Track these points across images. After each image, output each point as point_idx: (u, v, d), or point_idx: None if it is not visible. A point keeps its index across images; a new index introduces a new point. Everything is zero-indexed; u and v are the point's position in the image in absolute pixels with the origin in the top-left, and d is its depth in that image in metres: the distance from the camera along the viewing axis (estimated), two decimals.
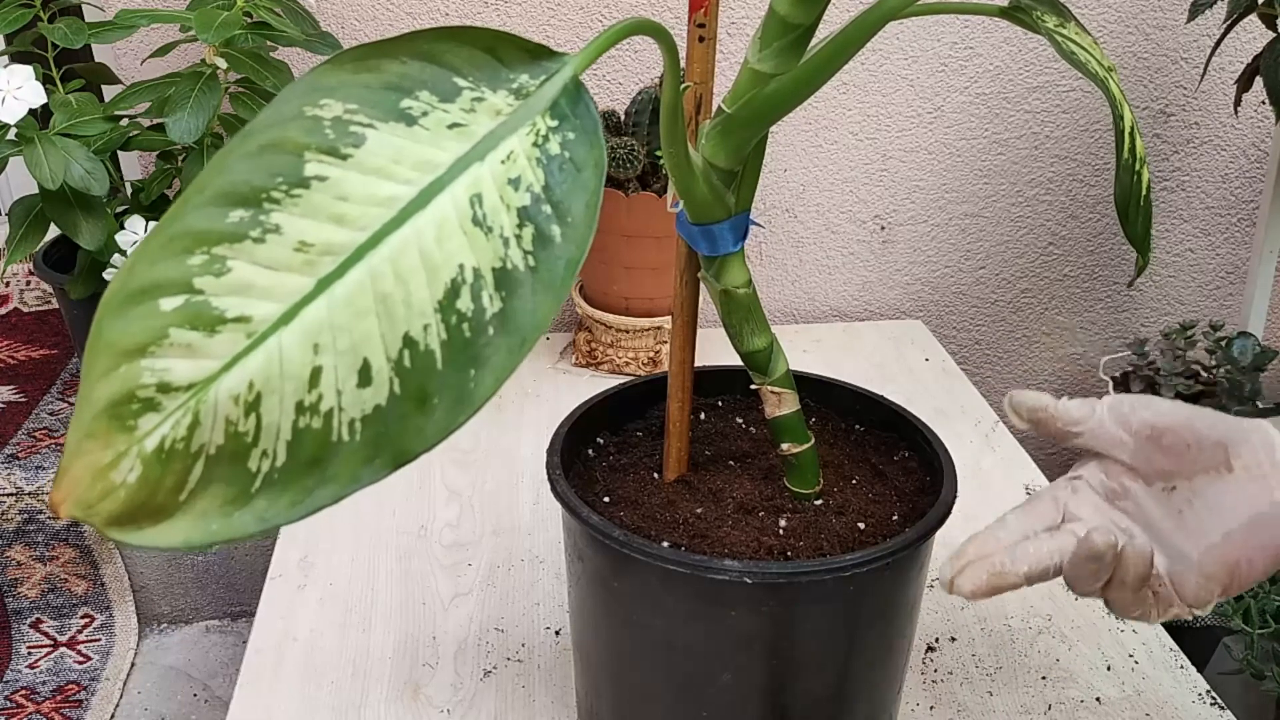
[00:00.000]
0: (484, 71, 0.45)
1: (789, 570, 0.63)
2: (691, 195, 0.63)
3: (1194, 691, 0.85)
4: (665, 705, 0.69)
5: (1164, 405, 0.61)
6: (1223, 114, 1.49)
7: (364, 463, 0.40)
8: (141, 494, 0.41)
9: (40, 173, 1.05)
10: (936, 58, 1.41)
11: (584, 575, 0.70)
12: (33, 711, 1.23)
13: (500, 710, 0.83)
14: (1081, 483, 0.63)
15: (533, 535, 1.03)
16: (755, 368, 0.70)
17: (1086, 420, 0.62)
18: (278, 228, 0.41)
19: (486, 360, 0.41)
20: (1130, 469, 0.62)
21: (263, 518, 0.40)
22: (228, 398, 0.41)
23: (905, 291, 1.54)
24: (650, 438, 0.79)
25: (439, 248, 0.42)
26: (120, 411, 0.41)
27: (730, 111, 0.61)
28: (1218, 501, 0.57)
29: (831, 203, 1.47)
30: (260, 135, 0.43)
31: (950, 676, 0.87)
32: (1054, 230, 1.53)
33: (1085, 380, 1.64)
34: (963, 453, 1.16)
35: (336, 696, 0.84)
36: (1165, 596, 0.58)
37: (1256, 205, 1.54)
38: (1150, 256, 0.69)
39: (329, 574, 0.98)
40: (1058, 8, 0.67)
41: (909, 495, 0.73)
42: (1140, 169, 0.66)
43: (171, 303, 0.41)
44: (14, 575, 1.31)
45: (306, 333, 0.41)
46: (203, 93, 1.08)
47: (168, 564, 1.36)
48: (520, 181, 0.43)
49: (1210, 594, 0.57)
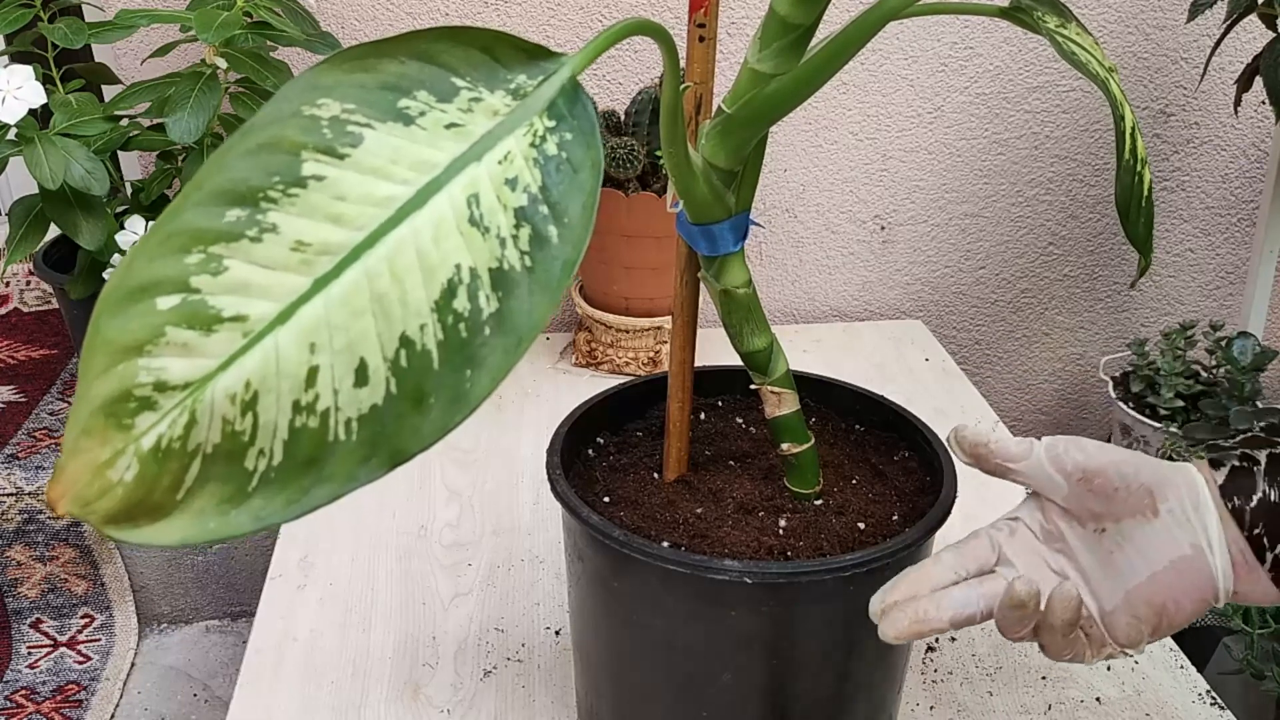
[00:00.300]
0: (482, 72, 0.45)
1: (789, 570, 0.63)
2: (691, 195, 0.62)
3: (1194, 691, 0.85)
4: (665, 705, 0.69)
5: (1093, 448, 0.61)
6: (1223, 114, 1.49)
7: (360, 462, 0.40)
8: (138, 492, 0.41)
9: (40, 173, 1.05)
10: (936, 58, 1.41)
11: (584, 575, 0.70)
12: (33, 711, 1.23)
13: (500, 710, 0.83)
14: (1019, 524, 0.64)
15: (533, 535, 1.03)
16: (755, 368, 0.70)
17: (1024, 459, 0.63)
18: (275, 227, 0.41)
19: (483, 360, 0.41)
20: (1065, 511, 0.62)
21: (259, 516, 0.40)
22: (224, 397, 0.41)
23: (905, 291, 1.54)
24: (650, 438, 0.79)
25: (436, 248, 0.42)
26: (117, 410, 0.41)
27: (730, 111, 0.61)
28: (1144, 544, 0.58)
29: (831, 203, 1.47)
30: (258, 134, 0.43)
31: (950, 676, 0.87)
32: (1054, 230, 1.53)
33: (1085, 380, 1.64)
34: None
35: (336, 696, 0.84)
36: (1097, 637, 0.59)
37: (1256, 205, 1.54)
38: (1152, 257, 0.69)
39: (329, 574, 0.98)
40: (1058, 8, 0.67)
41: (909, 495, 0.73)
42: (1141, 170, 0.66)
43: (168, 301, 0.41)
44: (14, 575, 1.31)
45: (303, 332, 0.41)
46: (203, 93, 1.09)
47: (168, 564, 1.36)
48: (517, 182, 0.43)
49: (1140, 634, 0.58)
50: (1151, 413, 1.37)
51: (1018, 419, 1.66)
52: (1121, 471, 0.60)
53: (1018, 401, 1.65)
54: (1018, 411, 1.65)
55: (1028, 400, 1.65)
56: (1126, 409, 1.38)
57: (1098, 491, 0.60)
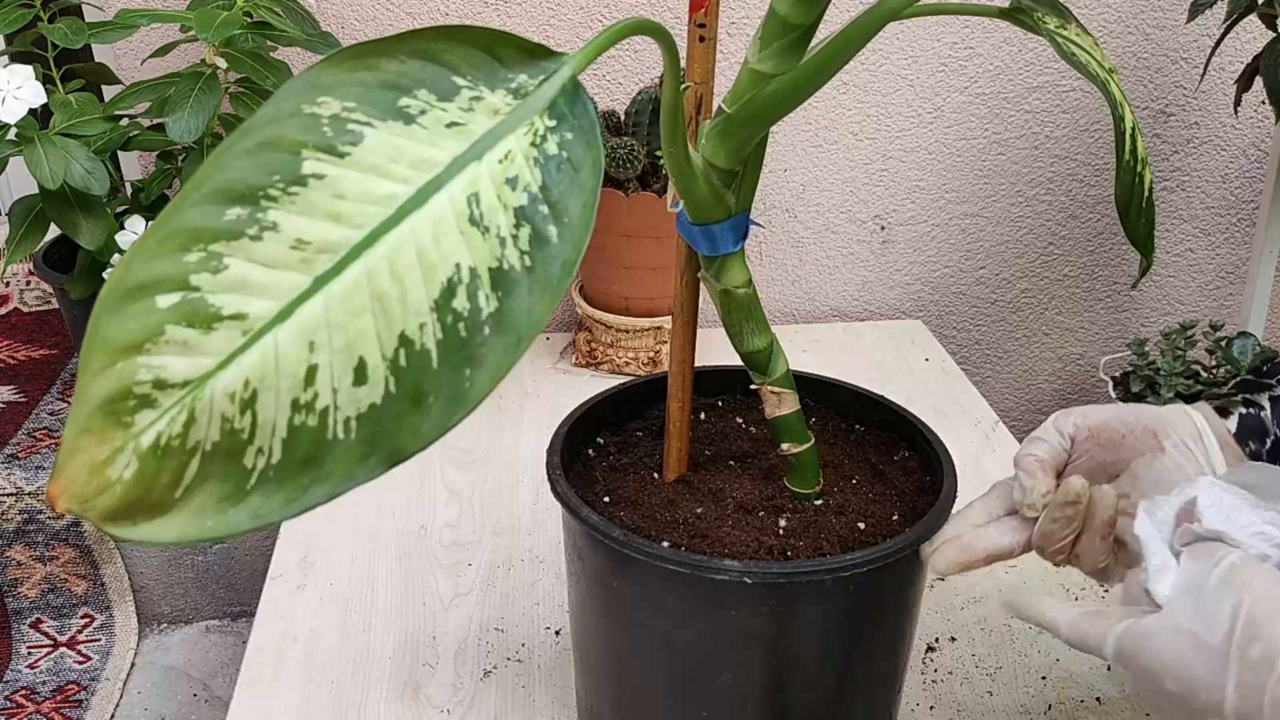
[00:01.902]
0: (482, 71, 0.45)
1: (789, 570, 0.63)
2: (691, 195, 0.62)
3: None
4: (665, 705, 0.69)
5: (1093, 408, 0.66)
6: (1223, 114, 1.49)
7: (359, 461, 0.40)
8: (137, 490, 0.41)
9: (40, 173, 1.05)
10: (936, 58, 1.41)
11: (584, 575, 0.70)
12: (33, 711, 1.23)
13: (500, 710, 0.83)
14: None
15: (533, 535, 1.03)
16: (755, 368, 0.70)
17: (1049, 443, 0.66)
18: (275, 225, 0.41)
19: (482, 360, 0.41)
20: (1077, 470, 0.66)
21: (258, 514, 0.40)
22: (224, 395, 0.41)
23: (905, 291, 1.54)
24: (650, 438, 0.79)
25: (436, 247, 0.42)
26: (116, 408, 0.41)
27: (730, 111, 0.61)
28: (1155, 480, 0.63)
29: (831, 203, 1.47)
30: (258, 133, 0.43)
31: (950, 676, 0.87)
32: (1054, 230, 1.53)
33: (1085, 380, 1.64)
34: (963, 453, 1.15)
35: (336, 696, 0.84)
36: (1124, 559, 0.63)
37: (1256, 205, 1.54)
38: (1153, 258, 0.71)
39: (329, 574, 0.98)
40: (1059, 9, 0.67)
41: (909, 495, 0.73)
42: (1142, 171, 0.66)
43: (168, 299, 0.41)
44: (14, 575, 1.31)
45: (303, 330, 0.41)
46: (203, 93, 1.09)
47: (168, 564, 1.36)
48: (518, 181, 0.43)
49: None
50: None
51: (1018, 419, 1.66)
52: (1124, 419, 0.64)
53: (1018, 401, 1.65)
54: (1018, 411, 1.65)
55: (1028, 400, 1.65)
56: None
57: (1106, 444, 0.64)
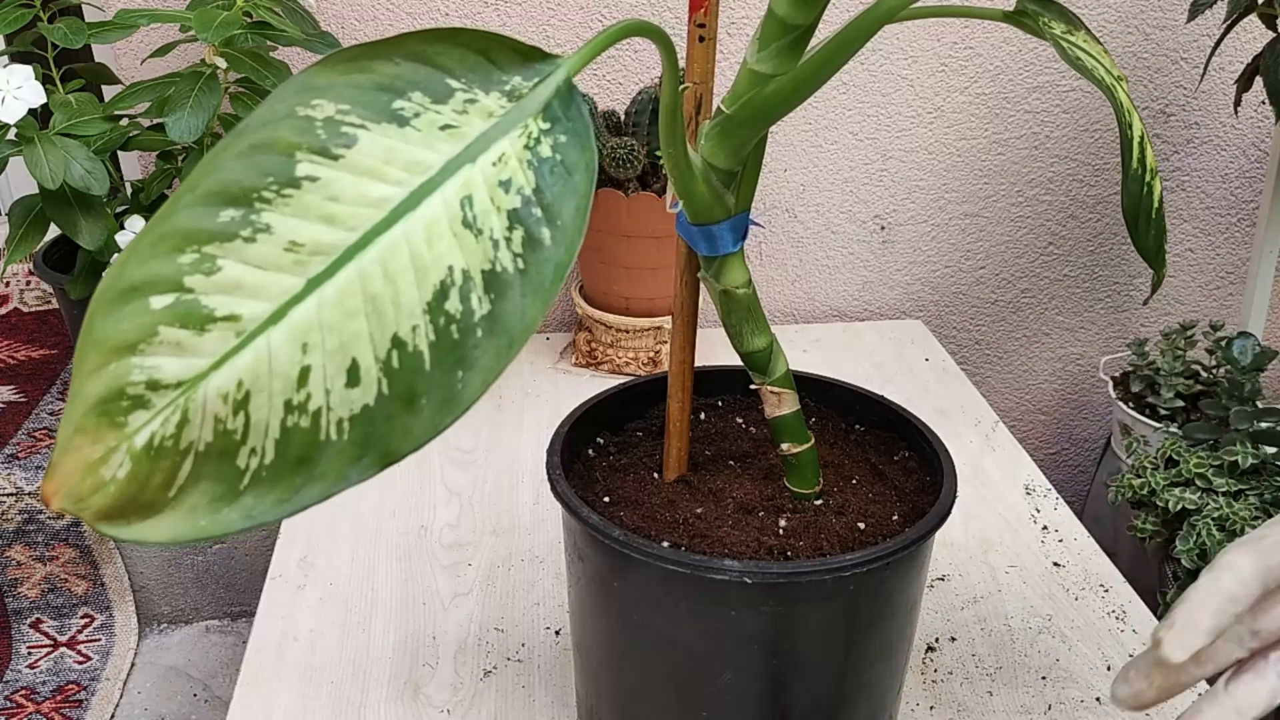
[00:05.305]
0: (477, 73, 0.45)
1: (789, 570, 0.63)
2: (691, 195, 0.62)
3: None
4: (665, 705, 0.69)
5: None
6: (1223, 114, 1.49)
7: (352, 462, 0.40)
8: (131, 489, 0.41)
9: (40, 173, 1.05)
10: (936, 58, 1.41)
11: (584, 575, 0.70)
12: (33, 711, 1.23)
13: (500, 710, 0.83)
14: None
15: (533, 535, 1.03)
16: (755, 368, 0.70)
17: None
18: (268, 227, 0.41)
19: (475, 362, 0.41)
20: None
21: (250, 515, 0.40)
22: (217, 396, 0.41)
23: (905, 291, 1.54)
24: (650, 438, 0.79)
25: (429, 249, 0.42)
26: (110, 408, 0.41)
27: (729, 112, 0.61)
28: None
29: (831, 203, 1.47)
30: (252, 135, 0.43)
31: (950, 676, 0.87)
32: (1054, 230, 1.53)
33: (1085, 380, 1.64)
34: (963, 453, 1.15)
35: (336, 696, 0.84)
36: None
37: (1256, 205, 1.54)
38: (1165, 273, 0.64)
39: (329, 574, 0.98)
40: (1067, 15, 0.65)
41: (909, 495, 0.73)
42: (1152, 180, 0.63)
43: (161, 301, 0.41)
44: (14, 575, 1.31)
45: (295, 332, 0.41)
46: (203, 93, 1.09)
47: (168, 564, 1.36)
48: (511, 184, 0.43)
49: None
50: (1151, 413, 1.37)
51: (1018, 419, 1.66)
52: None
53: (1018, 401, 1.65)
54: (1018, 411, 1.65)
55: (1028, 400, 1.65)
56: (1126, 409, 1.38)
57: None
